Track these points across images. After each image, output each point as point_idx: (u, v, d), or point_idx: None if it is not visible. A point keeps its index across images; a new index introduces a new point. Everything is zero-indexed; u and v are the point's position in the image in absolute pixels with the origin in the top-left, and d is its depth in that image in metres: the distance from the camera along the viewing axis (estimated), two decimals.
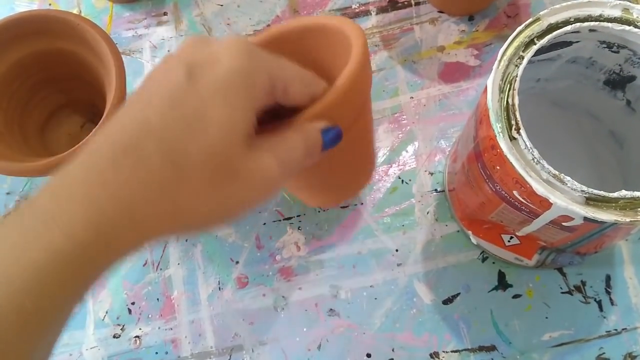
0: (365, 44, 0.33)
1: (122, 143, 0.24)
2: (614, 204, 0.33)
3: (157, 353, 0.45)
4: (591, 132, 0.48)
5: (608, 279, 0.46)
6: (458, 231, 0.47)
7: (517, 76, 0.35)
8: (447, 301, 0.46)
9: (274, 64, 0.29)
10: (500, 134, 0.34)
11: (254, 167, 0.26)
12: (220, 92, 0.26)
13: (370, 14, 0.54)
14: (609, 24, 0.36)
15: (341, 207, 0.49)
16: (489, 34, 0.53)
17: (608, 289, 0.46)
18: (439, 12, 0.54)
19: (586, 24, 0.36)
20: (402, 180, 0.49)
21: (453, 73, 0.52)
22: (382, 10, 0.54)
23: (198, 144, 0.25)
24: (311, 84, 0.30)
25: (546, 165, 0.33)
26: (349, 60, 0.32)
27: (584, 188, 0.32)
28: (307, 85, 0.30)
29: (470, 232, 0.45)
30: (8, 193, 0.50)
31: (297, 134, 0.29)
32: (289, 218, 0.49)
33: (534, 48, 0.36)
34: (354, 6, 0.55)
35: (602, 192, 0.32)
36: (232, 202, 0.27)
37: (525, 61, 0.35)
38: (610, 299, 0.46)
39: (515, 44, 0.36)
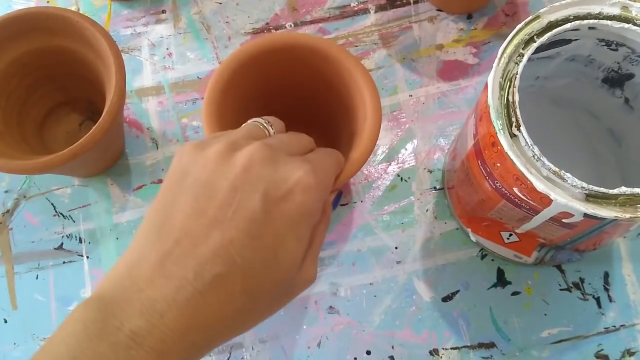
0: (380, 115, 0.39)
1: (208, 276, 0.26)
2: (613, 201, 0.33)
3: None
4: (590, 130, 0.48)
5: (606, 276, 0.46)
6: (457, 229, 0.48)
7: (517, 74, 0.35)
8: (446, 298, 0.46)
9: (329, 183, 0.32)
10: (501, 131, 0.34)
11: (303, 280, 0.30)
12: (293, 230, 0.28)
13: (369, 11, 0.54)
14: (608, 22, 0.36)
15: (340, 205, 0.49)
16: (487, 32, 0.53)
17: (606, 286, 0.46)
18: (437, 10, 0.54)
19: (585, 21, 0.36)
20: (402, 178, 0.49)
21: (452, 71, 0.52)
22: (380, 8, 0.54)
23: (271, 277, 0.28)
24: (341, 167, 0.36)
25: (546, 162, 0.33)
26: (365, 127, 0.39)
27: (584, 185, 0.32)
28: (340, 170, 0.35)
29: (469, 230, 0.45)
30: (6, 191, 0.50)
31: (323, 225, 0.33)
32: None
33: (534, 46, 0.36)
34: (352, 4, 0.55)
35: (602, 189, 0.32)
36: (279, 308, 0.31)
37: (525, 59, 0.35)
38: (609, 296, 0.46)
39: (515, 41, 0.36)
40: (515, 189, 0.35)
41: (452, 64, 0.52)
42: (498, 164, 0.35)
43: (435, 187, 0.49)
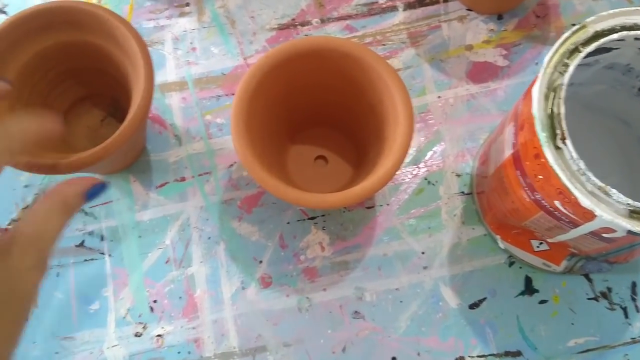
0: (412, 123, 0.39)
1: None
2: None
3: (179, 352, 0.45)
4: (621, 137, 0.47)
5: (634, 286, 0.46)
6: (485, 235, 0.47)
7: (562, 84, 0.34)
8: (473, 306, 0.45)
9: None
10: (546, 143, 0.33)
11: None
12: None
13: (397, 9, 0.53)
14: None
15: (366, 208, 0.48)
16: (517, 34, 0.52)
17: (634, 296, 0.46)
18: (467, 9, 0.53)
19: (632, 32, 0.35)
20: (429, 182, 0.48)
21: (481, 73, 0.51)
22: (409, 6, 0.53)
23: None
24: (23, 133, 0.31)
25: (592, 177, 0.32)
26: (397, 134, 0.39)
27: (630, 201, 0.32)
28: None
29: (498, 236, 0.45)
30: (26, 186, 0.49)
31: (62, 219, 0.30)
32: (313, 217, 0.48)
33: (580, 56, 0.35)
34: (380, 1, 0.54)
35: None
36: None
37: (571, 69, 0.35)
38: (636, 306, 0.45)
39: (561, 51, 0.35)
40: (556, 202, 0.34)
41: (481, 66, 0.51)
42: (540, 176, 0.35)
43: (463, 192, 0.48)
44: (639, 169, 0.46)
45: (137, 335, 0.45)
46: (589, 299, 0.46)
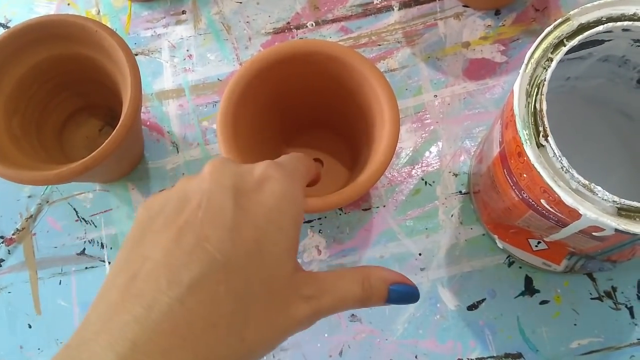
0: (397, 125, 0.38)
1: (185, 280, 0.22)
2: None
3: None
4: (624, 130, 0.46)
5: None
6: (483, 235, 0.46)
7: (545, 80, 0.33)
8: (471, 307, 0.45)
9: (298, 174, 0.30)
10: (527, 141, 0.32)
11: (301, 313, 0.26)
12: (272, 221, 0.25)
13: (393, 9, 0.53)
14: None
15: (363, 210, 0.48)
16: (516, 28, 0.51)
17: None
18: (464, 6, 0.52)
19: (619, 23, 0.34)
20: (426, 182, 0.48)
21: (478, 70, 0.50)
22: (404, 5, 0.53)
23: (258, 274, 0.24)
24: (308, 168, 0.32)
25: (575, 174, 0.31)
26: (383, 136, 0.38)
27: (616, 199, 0.31)
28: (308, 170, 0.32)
29: (496, 236, 0.44)
30: (30, 196, 0.50)
31: (356, 285, 0.28)
32: (310, 221, 0.48)
33: (564, 50, 0.34)
34: (375, 1, 0.53)
35: (634, 203, 0.31)
36: (277, 336, 0.25)
37: (554, 64, 0.34)
38: None
39: (544, 45, 0.34)
40: (542, 201, 0.34)
41: (479, 63, 0.50)
42: (524, 175, 0.34)
43: (460, 191, 0.47)
44: None
45: None
46: (592, 298, 0.44)
